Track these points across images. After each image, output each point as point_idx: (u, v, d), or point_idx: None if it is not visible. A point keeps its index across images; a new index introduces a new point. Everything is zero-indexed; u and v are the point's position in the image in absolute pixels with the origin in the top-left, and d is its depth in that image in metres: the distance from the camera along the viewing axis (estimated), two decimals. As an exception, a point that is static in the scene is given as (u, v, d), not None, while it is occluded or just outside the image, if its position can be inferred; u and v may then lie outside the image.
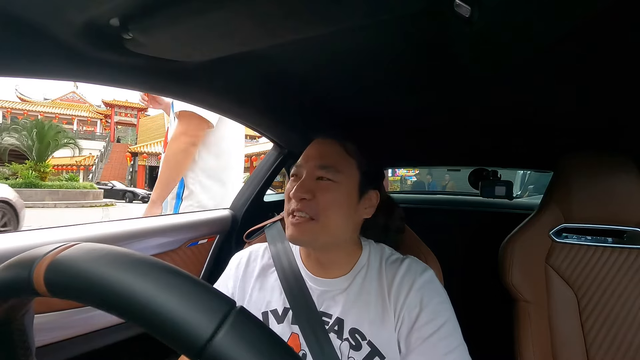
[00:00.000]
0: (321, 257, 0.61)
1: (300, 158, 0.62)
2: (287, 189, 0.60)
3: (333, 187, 0.56)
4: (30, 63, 0.45)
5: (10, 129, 14.59)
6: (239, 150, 1.52)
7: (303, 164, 0.60)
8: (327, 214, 0.55)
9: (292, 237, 0.56)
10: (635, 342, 0.83)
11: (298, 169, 0.60)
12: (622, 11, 0.43)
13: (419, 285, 0.56)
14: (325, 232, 0.56)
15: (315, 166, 0.58)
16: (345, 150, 0.60)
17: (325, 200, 0.55)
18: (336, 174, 0.57)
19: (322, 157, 0.59)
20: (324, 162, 0.58)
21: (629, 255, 0.87)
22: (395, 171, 9.28)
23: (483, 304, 1.38)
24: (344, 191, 0.57)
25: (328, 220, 0.55)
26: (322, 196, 0.55)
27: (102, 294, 0.23)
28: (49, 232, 0.76)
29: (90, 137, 24.86)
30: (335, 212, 0.56)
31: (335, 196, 0.56)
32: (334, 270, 0.61)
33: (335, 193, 0.56)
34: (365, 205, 0.61)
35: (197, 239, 1.00)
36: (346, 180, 0.58)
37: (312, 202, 0.55)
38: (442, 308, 0.54)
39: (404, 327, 0.54)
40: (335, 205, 0.56)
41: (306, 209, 0.55)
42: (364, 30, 0.51)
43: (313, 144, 0.63)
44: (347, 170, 0.58)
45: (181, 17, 0.41)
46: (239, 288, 0.64)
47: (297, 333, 0.57)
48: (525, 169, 2.32)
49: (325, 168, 0.57)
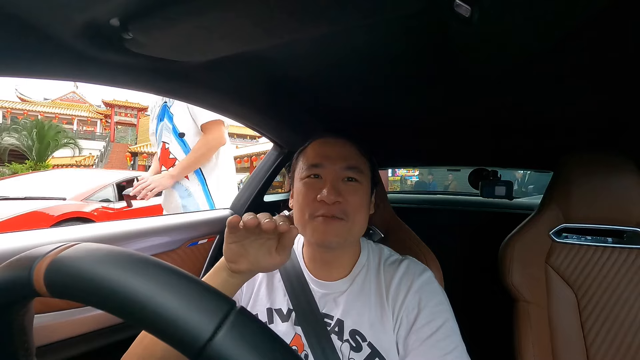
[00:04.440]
0: (329, 258, 0.61)
1: (315, 157, 0.60)
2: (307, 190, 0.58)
3: (359, 189, 0.58)
4: (30, 63, 0.45)
5: (10, 129, 14.60)
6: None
7: (325, 164, 0.58)
8: (356, 215, 0.56)
9: (324, 241, 0.56)
10: (635, 342, 0.83)
11: (319, 170, 0.59)
12: (622, 11, 0.43)
13: (417, 287, 0.56)
14: (352, 232, 0.57)
15: (342, 167, 0.58)
16: (359, 151, 0.61)
17: (354, 202, 0.56)
18: (360, 174, 0.58)
19: (345, 158, 0.59)
20: (350, 164, 0.58)
21: (629, 255, 0.87)
22: (395, 171, 9.28)
23: (483, 304, 1.38)
24: (366, 191, 0.59)
25: (356, 221, 0.57)
26: (352, 198, 0.56)
27: (102, 294, 0.23)
28: (49, 232, 0.76)
29: (90, 137, 24.82)
30: (362, 213, 0.58)
31: (361, 197, 0.58)
32: (336, 271, 0.61)
33: (361, 194, 0.58)
34: (372, 202, 0.64)
35: (197, 239, 1.00)
36: (366, 180, 0.59)
37: (342, 205, 0.55)
38: (441, 309, 0.54)
39: (403, 329, 0.54)
40: (362, 206, 0.57)
41: (337, 212, 0.55)
42: (364, 30, 0.51)
43: (325, 143, 0.62)
44: (365, 170, 0.60)
45: (181, 17, 0.41)
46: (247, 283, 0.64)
47: (299, 334, 0.57)
48: (525, 169, 2.32)
49: (352, 169, 0.58)
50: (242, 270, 0.49)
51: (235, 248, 0.48)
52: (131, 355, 0.47)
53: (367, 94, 0.79)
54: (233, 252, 0.48)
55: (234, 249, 0.48)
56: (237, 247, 0.48)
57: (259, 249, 0.49)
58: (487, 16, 0.42)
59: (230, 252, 0.48)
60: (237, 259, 0.48)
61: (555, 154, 1.00)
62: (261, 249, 0.49)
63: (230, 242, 0.48)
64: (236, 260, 0.48)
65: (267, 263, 0.49)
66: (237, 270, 0.49)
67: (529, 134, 1.05)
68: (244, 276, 0.50)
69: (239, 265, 0.48)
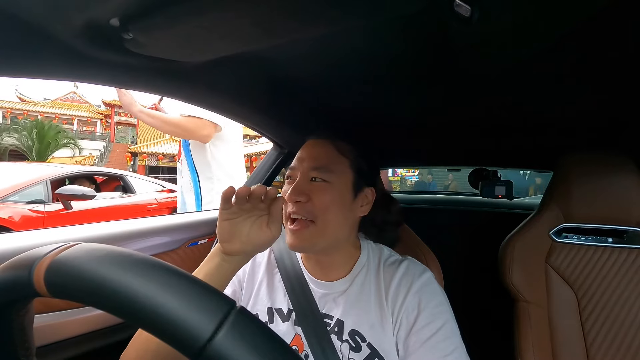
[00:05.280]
0: (321, 259, 0.62)
1: (294, 160, 0.62)
2: (283, 191, 0.60)
3: (327, 188, 0.57)
4: (30, 63, 0.45)
5: (10, 129, 14.61)
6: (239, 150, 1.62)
7: (296, 166, 0.60)
8: (325, 215, 0.56)
9: (291, 246, 0.57)
10: (635, 342, 0.83)
11: (292, 171, 0.61)
12: (622, 11, 0.43)
13: (417, 288, 0.55)
14: (323, 234, 0.56)
15: (309, 167, 0.58)
16: (338, 150, 0.60)
17: (320, 201, 0.56)
18: (329, 174, 0.57)
19: (314, 158, 0.59)
20: (316, 164, 0.58)
21: (629, 255, 0.87)
22: (395, 171, 9.27)
23: (483, 304, 1.38)
24: (339, 191, 0.57)
25: (326, 221, 0.56)
26: (318, 198, 0.56)
27: (102, 294, 0.23)
28: (49, 232, 0.76)
29: (90, 137, 24.82)
30: (333, 213, 0.56)
31: (330, 197, 0.56)
32: (334, 272, 0.61)
33: (330, 194, 0.56)
34: (361, 203, 0.61)
35: (197, 239, 1.00)
36: (339, 180, 0.58)
37: (307, 205, 0.56)
38: (441, 310, 0.54)
39: (403, 330, 0.53)
40: (331, 206, 0.56)
41: (302, 211, 0.56)
42: (364, 30, 0.51)
43: (306, 145, 0.63)
44: (339, 169, 0.59)
45: (181, 17, 0.41)
46: (247, 282, 0.64)
47: (300, 334, 0.57)
48: (525, 169, 2.32)
49: (317, 169, 0.58)
50: (236, 251, 0.50)
51: (228, 226, 0.49)
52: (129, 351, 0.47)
53: (367, 94, 0.79)
54: (226, 231, 0.49)
55: (227, 227, 0.49)
56: (230, 225, 0.49)
57: (251, 226, 0.50)
58: (487, 16, 0.42)
59: (223, 230, 0.49)
60: (231, 238, 0.49)
61: (555, 154, 1.00)
62: (253, 226, 0.50)
63: (223, 219, 0.49)
64: (229, 240, 0.49)
65: (260, 239, 0.50)
66: (230, 251, 0.50)
67: (529, 134, 1.05)
68: (237, 260, 0.51)
69: (233, 245, 0.49)
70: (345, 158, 0.60)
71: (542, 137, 1.07)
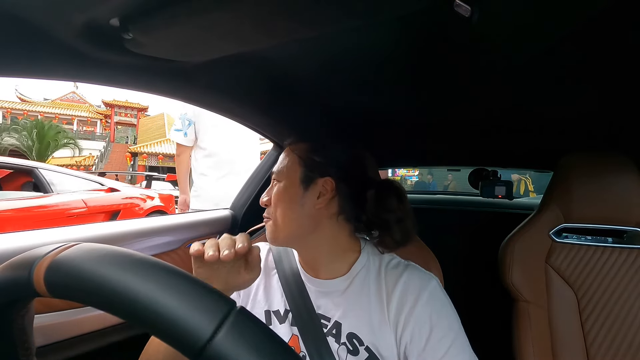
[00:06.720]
0: (304, 255, 0.63)
1: None
2: None
3: (278, 187, 0.60)
4: (30, 63, 0.45)
5: (10, 129, 14.61)
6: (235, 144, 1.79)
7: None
8: (276, 210, 0.59)
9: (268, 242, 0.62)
10: (635, 342, 0.83)
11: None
12: (622, 11, 0.43)
13: (426, 299, 0.53)
14: (278, 228, 0.59)
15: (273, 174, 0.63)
16: (292, 151, 0.63)
17: (273, 200, 0.60)
18: (281, 174, 0.61)
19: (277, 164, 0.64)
20: (275, 169, 0.63)
21: (629, 255, 0.87)
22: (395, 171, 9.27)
23: (483, 304, 1.38)
24: (285, 187, 0.60)
25: (277, 216, 0.59)
26: (273, 197, 0.60)
27: (102, 294, 0.23)
28: (49, 232, 0.76)
29: (90, 137, 24.81)
30: (281, 207, 0.59)
31: (278, 194, 0.60)
32: (326, 269, 0.60)
33: (279, 191, 0.60)
34: (314, 194, 0.58)
35: (197, 239, 1.00)
36: (287, 177, 0.61)
37: (269, 206, 0.61)
38: (452, 321, 0.53)
39: (415, 345, 0.51)
40: (279, 201, 0.59)
41: (266, 212, 0.62)
42: (364, 30, 0.51)
43: None
44: (289, 167, 0.61)
45: (181, 17, 0.41)
46: None
47: (296, 335, 0.56)
48: (525, 169, 2.32)
49: (275, 173, 0.63)
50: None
51: (204, 273, 0.51)
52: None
53: (367, 94, 0.79)
54: (202, 277, 0.50)
55: (203, 274, 0.51)
56: (206, 271, 0.51)
57: (228, 272, 0.52)
58: (487, 16, 0.42)
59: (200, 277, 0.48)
60: (209, 281, 0.50)
61: (555, 154, 1.01)
62: (231, 271, 0.53)
63: (197, 267, 0.51)
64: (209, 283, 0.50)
65: (238, 283, 0.53)
66: None
67: (529, 134, 1.05)
68: None
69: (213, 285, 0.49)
70: (295, 156, 0.62)
71: (542, 138, 1.07)
